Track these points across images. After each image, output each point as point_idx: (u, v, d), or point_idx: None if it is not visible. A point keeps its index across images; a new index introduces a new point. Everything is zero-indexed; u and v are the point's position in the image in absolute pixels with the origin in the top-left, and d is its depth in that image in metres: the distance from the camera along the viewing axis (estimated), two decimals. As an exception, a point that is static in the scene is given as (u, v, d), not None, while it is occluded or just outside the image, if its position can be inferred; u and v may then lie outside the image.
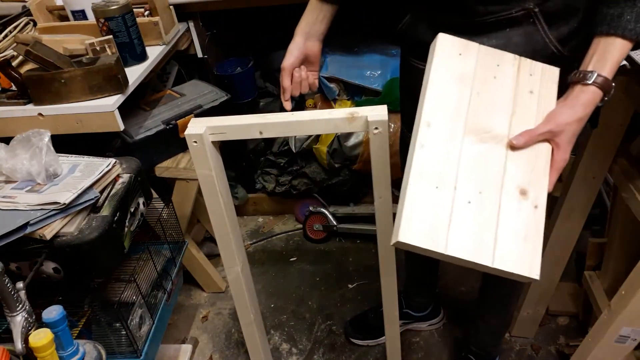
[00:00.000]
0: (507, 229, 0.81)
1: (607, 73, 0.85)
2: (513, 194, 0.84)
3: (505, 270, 0.79)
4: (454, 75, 0.92)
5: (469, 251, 0.78)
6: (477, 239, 0.79)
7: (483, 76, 0.93)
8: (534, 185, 0.85)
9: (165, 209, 1.60)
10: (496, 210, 0.82)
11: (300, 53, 1.16)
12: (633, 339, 1.24)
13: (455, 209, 0.81)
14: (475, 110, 0.90)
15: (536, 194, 0.84)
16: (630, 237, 1.43)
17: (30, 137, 1.28)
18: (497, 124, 0.89)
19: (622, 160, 1.32)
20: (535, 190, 0.84)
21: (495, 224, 0.81)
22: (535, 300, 1.67)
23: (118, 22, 1.53)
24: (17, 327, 1.06)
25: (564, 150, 0.87)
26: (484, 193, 0.83)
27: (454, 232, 0.79)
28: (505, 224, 0.81)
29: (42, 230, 1.18)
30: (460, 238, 0.79)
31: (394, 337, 1.42)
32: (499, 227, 0.81)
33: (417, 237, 0.77)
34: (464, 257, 0.78)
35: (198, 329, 1.96)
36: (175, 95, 1.86)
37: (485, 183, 0.84)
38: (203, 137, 1.04)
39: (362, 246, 2.21)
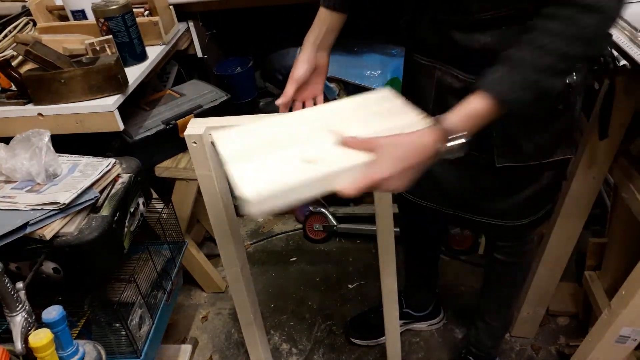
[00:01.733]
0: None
1: (452, 122, 0.85)
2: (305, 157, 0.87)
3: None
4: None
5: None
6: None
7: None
8: (327, 164, 0.85)
9: (165, 209, 1.60)
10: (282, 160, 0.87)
11: (311, 66, 1.15)
12: (633, 339, 1.24)
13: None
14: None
15: (322, 167, 0.85)
16: (631, 237, 1.43)
17: (30, 137, 1.27)
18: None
19: (622, 161, 1.31)
20: (325, 165, 0.85)
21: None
22: (536, 301, 1.66)
23: (118, 22, 1.53)
24: (16, 327, 1.05)
25: (379, 166, 0.83)
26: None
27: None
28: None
29: (42, 230, 1.17)
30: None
31: (394, 337, 1.42)
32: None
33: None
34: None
35: (198, 329, 1.96)
36: (175, 95, 1.86)
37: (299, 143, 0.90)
38: (202, 138, 1.04)
39: (362, 246, 2.21)
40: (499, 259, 1.43)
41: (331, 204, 2.24)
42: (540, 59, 0.81)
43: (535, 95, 0.82)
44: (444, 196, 1.26)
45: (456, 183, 1.22)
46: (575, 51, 0.80)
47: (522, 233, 1.32)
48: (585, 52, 0.81)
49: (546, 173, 1.17)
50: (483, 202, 1.22)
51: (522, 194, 1.19)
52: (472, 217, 1.26)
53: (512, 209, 1.21)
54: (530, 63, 0.81)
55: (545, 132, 1.09)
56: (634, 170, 1.27)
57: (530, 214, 1.24)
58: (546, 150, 1.12)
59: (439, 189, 1.25)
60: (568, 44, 0.80)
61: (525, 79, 0.82)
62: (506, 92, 0.82)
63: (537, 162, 1.12)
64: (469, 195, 1.23)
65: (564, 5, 0.80)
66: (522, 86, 0.82)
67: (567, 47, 0.80)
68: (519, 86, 0.82)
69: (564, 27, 0.79)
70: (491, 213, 1.24)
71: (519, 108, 0.83)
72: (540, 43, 0.81)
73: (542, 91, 0.82)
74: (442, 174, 1.23)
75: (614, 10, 0.79)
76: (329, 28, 1.15)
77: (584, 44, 0.80)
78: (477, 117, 0.85)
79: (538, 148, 1.10)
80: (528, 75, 0.81)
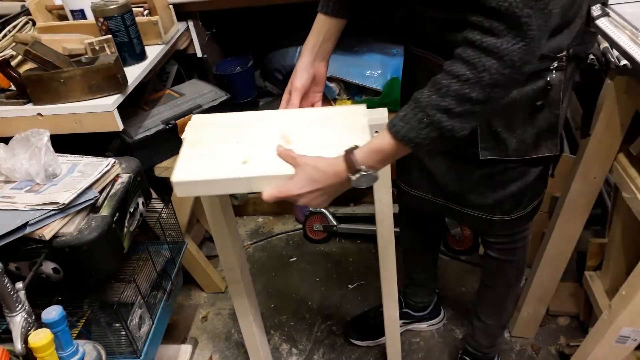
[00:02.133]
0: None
1: (358, 155, 0.89)
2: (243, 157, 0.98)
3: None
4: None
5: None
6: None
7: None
8: (255, 168, 0.96)
9: (165, 209, 1.60)
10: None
11: (310, 75, 1.16)
12: (633, 339, 1.24)
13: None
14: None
15: (249, 170, 0.95)
16: (631, 237, 1.43)
17: (30, 137, 1.27)
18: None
19: (623, 160, 1.31)
20: (252, 168, 0.95)
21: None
22: (536, 300, 1.66)
23: (117, 21, 1.53)
24: (16, 328, 1.05)
25: (295, 183, 0.93)
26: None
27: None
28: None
29: (42, 230, 1.17)
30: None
31: (394, 337, 1.42)
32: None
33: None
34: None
35: (198, 329, 1.96)
36: (174, 95, 1.85)
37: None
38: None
39: (362, 246, 2.21)
40: (491, 256, 1.44)
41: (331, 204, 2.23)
42: (441, 100, 0.81)
43: (438, 134, 0.83)
44: (435, 186, 1.29)
45: (446, 174, 1.25)
46: (473, 95, 0.80)
47: (511, 229, 1.33)
48: (485, 96, 0.80)
49: (532, 169, 1.19)
50: (471, 194, 1.24)
51: (508, 188, 1.21)
52: (462, 209, 1.28)
53: (500, 203, 1.23)
54: (430, 104, 0.82)
55: (528, 127, 1.11)
56: (634, 170, 1.27)
57: (518, 209, 1.25)
58: (530, 146, 1.13)
59: (431, 178, 1.28)
60: (466, 87, 0.80)
61: (425, 118, 0.83)
62: (407, 131, 0.84)
63: (521, 157, 1.14)
64: (458, 187, 1.25)
65: (470, 46, 0.80)
66: (422, 126, 0.83)
67: (465, 89, 0.80)
68: (419, 126, 0.83)
69: (464, 69, 0.80)
70: (479, 206, 1.25)
71: (424, 145, 0.85)
72: (442, 84, 0.82)
73: (445, 131, 0.83)
74: (433, 164, 1.26)
75: (514, 57, 0.77)
76: (327, 35, 1.15)
77: (481, 88, 0.79)
78: (382, 152, 0.89)
79: (521, 143, 1.12)
80: (429, 115, 0.82)
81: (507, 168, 1.17)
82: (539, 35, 0.77)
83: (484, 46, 0.77)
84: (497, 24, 0.76)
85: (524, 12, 0.74)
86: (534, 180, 1.21)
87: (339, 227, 2.19)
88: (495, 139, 1.12)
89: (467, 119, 0.82)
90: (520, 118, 1.10)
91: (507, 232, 1.36)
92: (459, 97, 0.80)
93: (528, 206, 1.27)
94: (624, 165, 1.30)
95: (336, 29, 1.15)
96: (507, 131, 1.11)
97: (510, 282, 1.48)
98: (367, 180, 0.90)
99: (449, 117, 0.82)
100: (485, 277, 1.53)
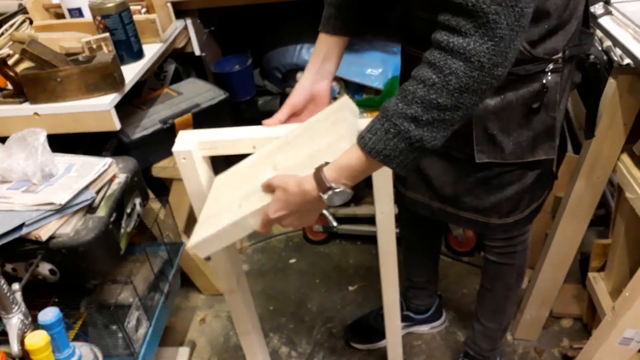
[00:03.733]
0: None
1: (327, 172, 0.85)
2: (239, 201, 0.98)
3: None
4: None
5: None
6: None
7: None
8: (249, 202, 0.95)
9: (162, 209, 1.59)
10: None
11: (306, 96, 1.14)
12: (637, 341, 1.24)
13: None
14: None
15: (244, 206, 0.95)
16: (635, 238, 1.43)
17: (26, 137, 1.27)
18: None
19: (626, 160, 1.31)
20: (247, 205, 0.95)
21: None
22: (539, 303, 1.66)
23: (115, 19, 1.52)
24: (13, 329, 1.05)
25: (271, 207, 0.91)
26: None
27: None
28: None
29: (38, 231, 1.17)
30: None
31: (395, 340, 1.41)
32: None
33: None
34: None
35: (196, 331, 1.94)
36: (172, 94, 1.84)
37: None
38: (192, 154, 1.02)
39: (363, 248, 2.20)
40: (490, 260, 1.44)
41: (331, 204, 2.23)
42: (407, 108, 0.77)
43: (406, 144, 0.79)
44: (432, 189, 1.28)
45: (443, 176, 1.23)
46: (441, 100, 0.75)
47: (509, 232, 1.32)
48: (453, 102, 0.76)
49: (530, 173, 1.18)
50: (467, 197, 1.23)
51: (505, 192, 1.19)
52: (458, 212, 1.27)
53: (496, 206, 1.22)
54: (396, 112, 0.78)
55: (524, 130, 1.10)
56: (638, 170, 1.26)
57: (515, 212, 1.24)
58: (526, 149, 1.12)
59: (427, 181, 1.27)
60: (432, 93, 0.76)
61: (392, 128, 0.79)
62: (374, 143, 0.80)
63: (517, 160, 1.13)
64: (454, 189, 1.24)
65: (437, 48, 0.76)
66: (390, 136, 0.79)
67: (432, 95, 0.76)
68: (386, 136, 0.79)
69: (430, 73, 0.76)
70: (476, 209, 1.24)
71: (393, 158, 0.81)
72: (408, 91, 0.78)
73: (413, 142, 0.79)
74: (429, 167, 1.25)
75: (482, 59, 0.73)
76: (328, 54, 1.14)
77: (449, 93, 0.75)
78: (351, 168, 0.84)
79: (517, 146, 1.11)
80: (395, 124, 0.78)
81: (504, 171, 1.16)
82: (510, 35, 0.73)
83: (451, 47, 0.74)
84: (464, 22, 0.73)
85: (492, 8, 0.71)
86: (531, 183, 1.20)
87: (339, 228, 2.18)
88: (491, 142, 1.11)
89: (436, 127, 0.78)
90: (516, 121, 1.09)
91: (505, 236, 1.35)
92: (426, 103, 0.76)
93: (526, 210, 1.26)
94: (627, 165, 1.30)
95: (337, 47, 1.14)
96: (503, 134, 1.10)
97: (510, 286, 1.47)
98: (340, 198, 0.86)
99: (417, 125, 0.77)
100: (484, 280, 1.53)
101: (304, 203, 0.88)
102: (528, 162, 1.14)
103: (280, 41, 2.10)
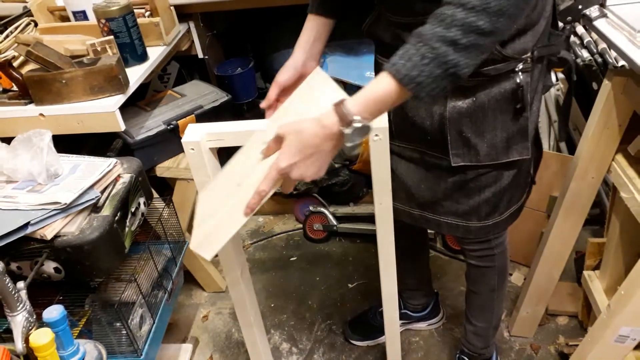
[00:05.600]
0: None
1: (350, 105, 0.84)
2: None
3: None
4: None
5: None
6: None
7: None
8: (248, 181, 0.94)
9: (166, 208, 1.60)
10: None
11: (297, 72, 1.16)
12: (632, 339, 1.24)
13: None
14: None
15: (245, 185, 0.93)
16: (629, 237, 1.43)
17: (32, 137, 1.28)
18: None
19: (621, 160, 1.32)
20: (248, 181, 0.93)
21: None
22: (535, 300, 1.67)
23: (119, 22, 1.53)
24: (17, 327, 1.06)
25: (284, 155, 0.87)
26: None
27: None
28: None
29: (43, 230, 1.18)
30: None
31: (393, 336, 1.42)
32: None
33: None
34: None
35: (198, 328, 1.96)
36: (175, 96, 1.86)
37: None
38: (200, 145, 1.04)
39: (362, 246, 2.22)
40: (472, 264, 1.44)
41: (331, 203, 2.25)
42: (446, 32, 0.76)
43: (442, 70, 0.78)
44: (410, 197, 1.27)
45: (420, 183, 1.23)
46: (480, 24, 0.76)
47: (488, 235, 1.31)
48: (491, 26, 0.76)
49: (505, 173, 1.17)
50: (446, 202, 1.23)
51: (482, 194, 1.19)
52: (439, 218, 1.26)
53: (475, 209, 1.22)
54: (435, 35, 0.77)
55: (497, 131, 1.10)
56: (632, 170, 1.27)
57: (494, 215, 1.24)
58: (500, 150, 1.12)
59: (405, 189, 1.27)
60: (472, 15, 0.75)
61: (429, 52, 0.77)
62: (408, 69, 0.79)
63: (492, 162, 1.13)
64: (432, 195, 1.23)
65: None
66: (426, 61, 0.78)
67: (471, 18, 0.75)
68: (422, 62, 0.78)
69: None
70: (455, 213, 1.24)
71: (425, 85, 0.79)
72: (445, 15, 0.77)
73: (449, 67, 0.78)
74: (406, 175, 1.25)
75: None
76: (317, 34, 1.16)
77: (487, 16, 0.75)
78: (378, 98, 0.83)
79: (492, 147, 1.11)
80: (433, 48, 0.77)
81: (480, 174, 1.16)
82: None
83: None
84: None
85: None
86: (509, 184, 1.19)
87: (339, 227, 2.20)
88: (466, 145, 1.11)
89: (471, 52, 0.78)
90: (490, 122, 1.09)
91: (483, 239, 1.34)
92: (465, 26, 0.76)
93: (505, 212, 1.25)
94: (622, 165, 1.30)
95: (325, 28, 1.16)
96: (477, 136, 1.10)
97: (493, 287, 1.47)
98: (362, 133, 0.84)
99: (455, 49, 0.77)
100: (469, 283, 1.53)
101: (322, 142, 0.85)
102: (503, 163, 1.14)
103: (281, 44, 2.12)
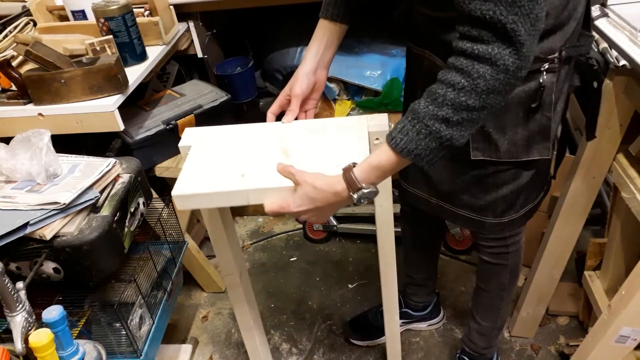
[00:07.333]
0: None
1: (358, 172, 0.90)
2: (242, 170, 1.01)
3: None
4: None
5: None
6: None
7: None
8: (255, 176, 0.99)
9: (166, 208, 1.60)
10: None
11: (311, 82, 1.16)
12: (633, 339, 1.24)
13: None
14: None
15: (247, 183, 0.98)
16: (630, 237, 1.43)
17: (30, 137, 1.28)
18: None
19: (622, 160, 1.31)
20: (251, 181, 0.98)
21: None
22: (535, 300, 1.67)
23: (118, 22, 1.53)
24: (17, 327, 1.06)
25: (295, 200, 0.94)
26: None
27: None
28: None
29: (42, 230, 1.18)
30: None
31: (394, 337, 1.42)
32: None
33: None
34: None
35: (198, 329, 1.96)
36: (175, 95, 1.86)
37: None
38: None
39: (362, 246, 2.21)
40: (484, 260, 1.44)
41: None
42: (438, 110, 0.82)
43: (437, 144, 0.85)
44: (430, 184, 1.29)
45: (441, 173, 1.25)
46: (470, 102, 0.81)
47: (503, 232, 1.33)
48: (481, 103, 0.81)
49: (525, 173, 1.18)
50: (463, 194, 1.24)
51: (500, 191, 1.20)
52: (455, 210, 1.28)
53: (491, 205, 1.23)
54: (427, 114, 0.83)
55: (519, 129, 1.11)
56: (633, 170, 1.27)
57: (510, 212, 1.25)
58: (521, 148, 1.13)
59: (426, 176, 1.28)
60: (462, 95, 0.81)
61: (424, 129, 0.84)
62: (406, 143, 0.86)
63: (512, 159, 1.14)
64: (451, 186, 1.25)
65: (462, 55, 0.81)
66: (422, 137, 0.84)
67: (461, 97, 0.81)
68: (418, 137, 0.85)
69: (459, 77, 0.81)
70: (471, 207, 1.25)
71: (424, 156, 0.86)
72: (437, 94, 0.83)
73: (444, 141, 0.84)
74: None
75: (507, 62, 0.78)
76: (329, 41, 1.15)
77: (477, 95, 0.80)
78: (381, 168, 0.90)
79: (512, 145, 1.12)
80: (427, 125, 0.84)
81: (499, 170, 1.17)
82: (529, 40, 0.78)
83: (476, 53, 0.79)
84: (485, 32, 0.78)
85: (509, 18, 0.75)
86: (527, 183, 1.20)
87: (339, 227, 2.19)
88: (487, 140, 1.12)
89: (465, 126, 0.84)
90: (512, 119, 1.10)
91: (499, 236, 1.35)
92: (456, 105, 0.81)
93: (521, 210, 1.26)
94: (623, 165, 1.30)
95: (337, 35, 1.15)
96: (498, 132, 1.11)
97: (504, 286, 1.47)
98: (369, 196, 0.91)
99: (447, 126, 0.83)
100: (479, 280, 1.53)
101: (331, 203, 0.93)
102: (523, 161, 1.15)
103: (281, 44, 2.12)
